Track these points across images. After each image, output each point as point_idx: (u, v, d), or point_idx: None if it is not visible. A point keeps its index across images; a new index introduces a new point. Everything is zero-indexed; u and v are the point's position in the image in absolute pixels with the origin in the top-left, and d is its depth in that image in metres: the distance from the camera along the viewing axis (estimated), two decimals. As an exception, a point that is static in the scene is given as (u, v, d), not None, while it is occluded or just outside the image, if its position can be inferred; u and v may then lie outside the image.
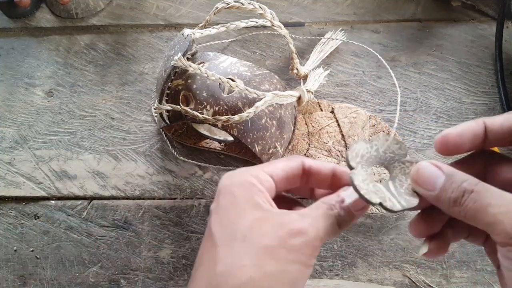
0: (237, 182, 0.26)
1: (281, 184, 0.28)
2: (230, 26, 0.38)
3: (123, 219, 0.45)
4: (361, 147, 0.26)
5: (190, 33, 0.37)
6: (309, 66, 0.47)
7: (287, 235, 0.24)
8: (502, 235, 0.20)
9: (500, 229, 0.20)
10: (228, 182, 0.27)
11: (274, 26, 0.39)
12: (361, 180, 0.24)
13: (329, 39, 0.49)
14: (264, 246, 0.24)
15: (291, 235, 0.24)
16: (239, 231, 0.25)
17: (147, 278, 0.43)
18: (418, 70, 0.50)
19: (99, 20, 0.55)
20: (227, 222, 0.25)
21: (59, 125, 0.50)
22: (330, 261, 0.43)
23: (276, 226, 0.24)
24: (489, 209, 0.20)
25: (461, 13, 0.53)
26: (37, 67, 0.53)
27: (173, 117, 0.42)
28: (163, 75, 0.38)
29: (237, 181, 0.27)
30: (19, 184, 0.47)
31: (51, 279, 0.43)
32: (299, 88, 0.43)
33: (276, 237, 0.24)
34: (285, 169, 0.28)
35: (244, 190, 0.26)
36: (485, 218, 0.21)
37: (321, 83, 0.46)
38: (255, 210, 0.25)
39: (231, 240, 0.25)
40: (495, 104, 0.48)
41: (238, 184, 0.26)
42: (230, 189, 0.26)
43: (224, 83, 0.37)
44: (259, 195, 0.26)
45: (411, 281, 0.42)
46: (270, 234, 0.24)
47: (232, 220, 0.25)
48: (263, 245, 0.24)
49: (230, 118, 0.37)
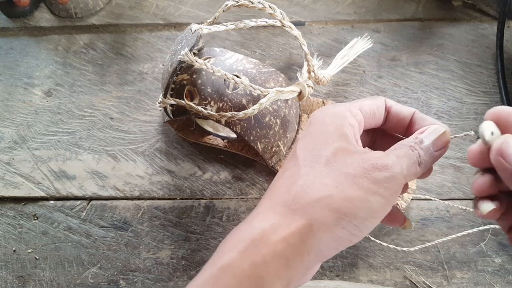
0: (329, 113, 0.28)
1: (368, 121, 0.29)
2: (239, 25, 0.38)
3: (122, 219, 0.45)
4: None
5: (197, 28, 0.37)
6: (331, 71, 0.46)
7: (372, 167, 0.25)
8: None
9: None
10: (320, 113, 0.28)
11: (284, 26, 0.39)
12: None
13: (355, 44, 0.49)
14: (347, 173, 0.25)
15: (375, 169, 0.25)
16: (323, 156, 0.26)
17: (147, 279, 0.43)
18: (419, 70, 0.50)
19: (98, 19, 0.55)
20: (313, 147, 0.27)
21: (58, 125, 0.49)
22: (331, 262, 0.43)
23: (360, 159, 0.25)
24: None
25: (462, 12, 0.53)
26: (36, 66, 0.53)
27: (177, 111, 0.41)
28: (169, 69, 0.38)
29: (330, 112, 0.28)
30: (18, 185, 0.47)
31: (50, 280, 0.43)
32: (299, 83, 0.42)
33: (360, 168, 0.25)
34: (371, 106, 0.29)
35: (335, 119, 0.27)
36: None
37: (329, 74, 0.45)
38: (341, 141, 0.26)
39: (315, 162, 0.26)
40: (496, 104, 0.48)
41: (330, 114, 0.28)
42: (321, 119, 0.28)
43: (229, 79, 0.36)
44: (349, 128, 0.27)
45: (412, 282, 0.42)
46: (354, 164, 0.25)
47: (318, 145, 0.26)
48: (346, 172, 0.25)
49: (235, 115, 0.37)
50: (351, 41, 0.49)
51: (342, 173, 0.25)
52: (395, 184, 0.25)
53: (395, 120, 0.29)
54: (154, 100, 0.50)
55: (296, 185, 0.25)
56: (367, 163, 0.25)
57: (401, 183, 0.25)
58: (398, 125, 0.30)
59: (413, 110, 0.29)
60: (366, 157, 0.25)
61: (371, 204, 0.24)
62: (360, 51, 0.49)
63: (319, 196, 0.24)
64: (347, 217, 0.24)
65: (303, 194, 0.25)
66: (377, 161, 0.25)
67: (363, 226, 0.25)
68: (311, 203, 0.24)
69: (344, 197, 0.24)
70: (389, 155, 0.25)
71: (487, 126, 0.24)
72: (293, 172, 0.26)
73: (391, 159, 0.25)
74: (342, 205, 0.24)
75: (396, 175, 0.25)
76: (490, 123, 0.24)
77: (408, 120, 0.29)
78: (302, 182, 0.25)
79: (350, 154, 0.25)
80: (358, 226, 0.24)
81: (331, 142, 0.26)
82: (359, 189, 0.24)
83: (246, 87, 0.37)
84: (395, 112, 0.29)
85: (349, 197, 0.24)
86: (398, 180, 0.25)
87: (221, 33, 0.52)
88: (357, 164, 0.25)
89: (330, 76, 0.45)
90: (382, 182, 0.24)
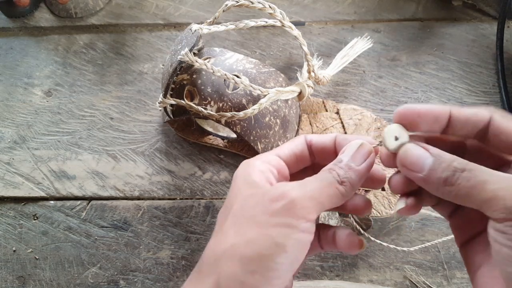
0: (240, 168, 0.27)
1: (292, 163, 0.28)
2: (239, 25, 0.38)
3: (122, 219, 0.45)
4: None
5: (197, 28, 0.37)
6: (331, 71, 0.46)
7: (269, 201, 0.24)
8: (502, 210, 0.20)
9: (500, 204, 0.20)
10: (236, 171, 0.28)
11: (284, 26, 0.38)
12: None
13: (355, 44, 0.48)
14: (249, 216, 0.24)
15: (272, 201, 0.23)
16: (233, 210, 0.25)
17: (147, 279, 0.43)
18: (419, 70, 0.50)
19: (98, 19, 0.55)
20: (226, 206, 0.26)
21: (58, 125, 0.49)
22: (331, 262, 0.43)
23: (261, 196, 0.24)
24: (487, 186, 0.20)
25: (462, 12, 0.53)
26: (36, 66, 0.53)
27: (177, 111, 0.41)
28: (169, 69, 0.38)
29: (241, 167, 0.28)
30: (18, 184, 0.47)
31: (50, 280, 0.43)
32: (299, 83, 0.42)
33: (260, 206, 0.24)
34: (290, 147, 0.28)
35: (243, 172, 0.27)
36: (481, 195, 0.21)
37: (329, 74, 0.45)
38: (250, 188, 0.25)
39: (225, 219, 0.25)
40: (496, 104, 0.48)
41: (241, 169, 0.27)
42: (234, 176, 0.27)
43: (229, 79, 0.36)
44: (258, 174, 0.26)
45: (412, 282, 0.42)
46: (256, 205, 0.24)
47: (230, 201, 0.26)
48: (249, 215, 0.24)
49: (235, 115, 0.37)
50: (351, 41, 0.49)
51: (246, 218, 0.24)
52: (297, 209, 0.23)
53: (321, 152, 0.28)
54: (154, 100, 0.50)
55: (208, 249, 0.25)
56: (266, 197, 0.24)
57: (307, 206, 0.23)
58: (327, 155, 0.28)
59: (334, 136, 0.28)
60: (268, 190, 0.24)
61: (274, 238, 0.22)
62: (360, 51, 0.49)
63: (223, 249, 0.23)
64: (254, 262, 0.22)
65: (210, 253, 0.24)
66: (275, 192, 0.24)
67: (276, 264, 0.22)
68: (217, 260, 0.23)
69: (245, 241, 0.23)
70: (290, 183, 0.24)
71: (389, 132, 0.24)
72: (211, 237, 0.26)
73: (289, 185, 0.24)
74: (245, 250, 0.23)
75: (293, 201, 0.23)
76: (393, 127, 0.24)
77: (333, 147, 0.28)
78: (212, 242, 0.25)
79: (255, 196, 0.25)
80: (271, 266, 0.22)
81: (239, 194, 0.25)
82: (259, 228, 0.23)
83: (246, 87, 0.37)
84: (316, 144, 0.28)
85: (250, 239, 0.23)
86: (301, 203, 0.23)
87: (221, 33, 0.52)
88: (259, 202, 0.24)
89: (330, 76, 0.45)
90: (280, 211, 0.23)
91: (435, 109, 0.23)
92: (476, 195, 0.21)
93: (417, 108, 0.24)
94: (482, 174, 0.21)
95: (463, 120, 0.23)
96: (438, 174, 0.22)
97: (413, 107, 0.24)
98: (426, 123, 0.24)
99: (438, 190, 0.22)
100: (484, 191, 0.20)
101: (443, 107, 0.23)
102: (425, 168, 0.22)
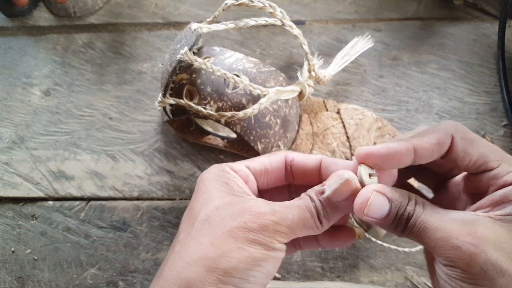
0: (211, 172, 0.27)
1: (262, 178, 0.28)
2: (239, 24, 0.38)
3: (121, 220, 0.45)
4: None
5: (197, 27, 0.37)
6: (332, 71, 0.46)
7: (249, 216, 0.24)
8: (444, 258, 0.22)
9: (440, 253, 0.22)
10: (203, 174, 0.27)
11: (284, 25, 0.38)
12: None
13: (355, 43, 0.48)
14: (226, 228, 0.24)
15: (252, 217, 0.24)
16: (202, 216, 0.25)
17: (146, 280, 0.43)
18: (420, 69, 0.49)
19: (97, 18, 0.54)
20: (192, 209, 0.26)
21: (57, 125, 0.49)
22: (332, 263, 0.42)
23: (241, 210, 0.24)
24: (434, 234, 0.22)
25: (463, 11, 0.52)
26: (35, 66, 0.52)
27: (176, 111, 0.41)
28: (168, 68, 0.38)
29: (212, 171, 0.27)
30: (16, 185, 0.46)
31: (48, 281, 0.43)
32: (300, 82, 0.42)
33: (239, 220, 0.24)
34: (264, 162, 0.28)
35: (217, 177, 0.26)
36: (427, 242, 0.23)
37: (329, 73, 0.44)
38: (226, 196, 0.25)
39: (192, 225, 0.25)
40: (497, 104, 0.47)
41: (211, 173, 0.27)
42: (203, 178, 0.27)
43: (229, 79, 0.36)
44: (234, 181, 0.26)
45: (413, 283, 0.41)
46: (233, 217, 0.24)
47: (198, 206, 0.25)
48: (225, 227, 0.24)
49: (235, 114, 0.37)
50: (352, 40, 0.49)
51: (221, 229, 0.24)
52: (274, 232, 0.23)
53: (302, 173, 0.28)
54: (153, 99, 0.50)
55: (173, 253, 0.24)
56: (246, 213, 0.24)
57: (282, 231, 0.24)
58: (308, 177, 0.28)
59: (319, 158, 0.27)
60: (248, 206, 0.24)
61: (251, 253, 0.23)
62: (361, 51, 0.48)
63: (195, 257, 0.23)
64: (227, 273, 0.22)
65: (178, 260, 0.24)
66: (255, 210, 0.24)
67: (250, 277, 0.23)
68: (186, 267, 0.23)
69: (220, 253, 0.23)
70: (271, 205, 0.24)
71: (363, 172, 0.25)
72: (173, 242, 0.25)
73: (269, 207, 0.24)
74: (220, 262, 0.23)
75: (270, 224, 0.23)
76: (363, 168, 0.25)
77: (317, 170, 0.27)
78: (179, 248, 0.24)
79: (233, 206, 0.24)
80: (244, 278, 0.23)
81: (212, 200, 0.25)
82: (236, 241, 0.23)
83: (246, 86, 0.37)
84: (297, 164, 0.28)
85: (226, 252, 0.23)
86: (279, 229, 0.23)
87: (221, 32, 0.52)
88: (237, 215, 0.24)
89: (330, 76, 0.45)
90: (258, 229, 0.23)
91: (397, 152, 0.24)
92: (424, 241, 0.23)
93: (378, 152, 0.24)
94: (429, 221, 0.23)
95: (427, 154, 0.24)
96: (395, 222, 0.24)
97: (373, 151, 0.24)
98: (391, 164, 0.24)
99: (395, 233, 0.24)
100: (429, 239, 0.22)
101: (406, 146, 0.24)
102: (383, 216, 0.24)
